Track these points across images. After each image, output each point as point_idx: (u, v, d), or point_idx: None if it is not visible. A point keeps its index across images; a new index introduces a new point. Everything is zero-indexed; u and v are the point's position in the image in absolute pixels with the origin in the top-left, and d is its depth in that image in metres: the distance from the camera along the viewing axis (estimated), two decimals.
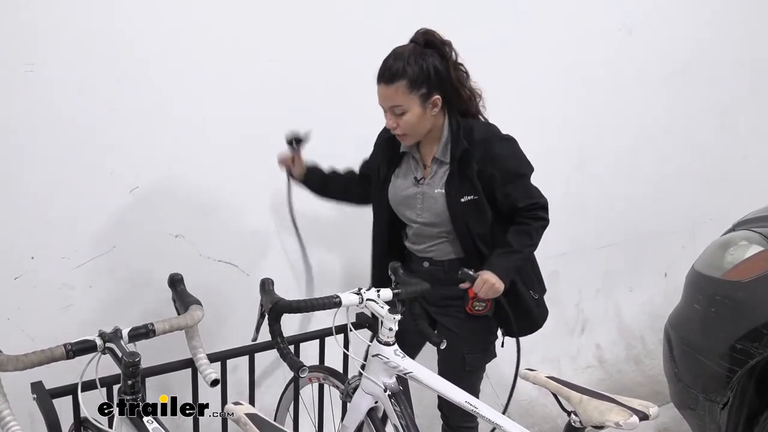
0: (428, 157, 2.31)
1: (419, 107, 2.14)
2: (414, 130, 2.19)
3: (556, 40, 3.70)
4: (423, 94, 2.13)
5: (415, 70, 2.10)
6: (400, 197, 2.34)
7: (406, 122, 2.15)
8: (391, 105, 2.14)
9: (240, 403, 1.50)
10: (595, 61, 3.87)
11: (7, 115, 2.34)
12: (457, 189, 2.23)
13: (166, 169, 2.66)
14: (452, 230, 2.29)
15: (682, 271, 3.15)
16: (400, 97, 2.12)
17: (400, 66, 2.10)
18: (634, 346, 4.27)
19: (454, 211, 2.24)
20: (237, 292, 2.83)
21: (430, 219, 2.30)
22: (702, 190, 4.64)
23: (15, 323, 2.39)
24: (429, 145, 2.29)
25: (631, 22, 3.99)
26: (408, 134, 2.20)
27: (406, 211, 2.35)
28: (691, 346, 2.72)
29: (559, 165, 3.88)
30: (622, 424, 1.62)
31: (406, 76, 2.09)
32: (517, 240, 2.28)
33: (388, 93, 2.13)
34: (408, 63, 2.10)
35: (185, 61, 2.63)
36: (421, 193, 2.30)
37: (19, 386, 1.62)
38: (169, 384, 2.58)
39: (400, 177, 2.36)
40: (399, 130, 2.19)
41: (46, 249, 2.47)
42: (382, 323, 2.00)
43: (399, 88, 2.10)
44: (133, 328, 1.66)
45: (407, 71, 2.09)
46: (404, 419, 1.99)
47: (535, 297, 2.44)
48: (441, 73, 2.16)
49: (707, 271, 2.81)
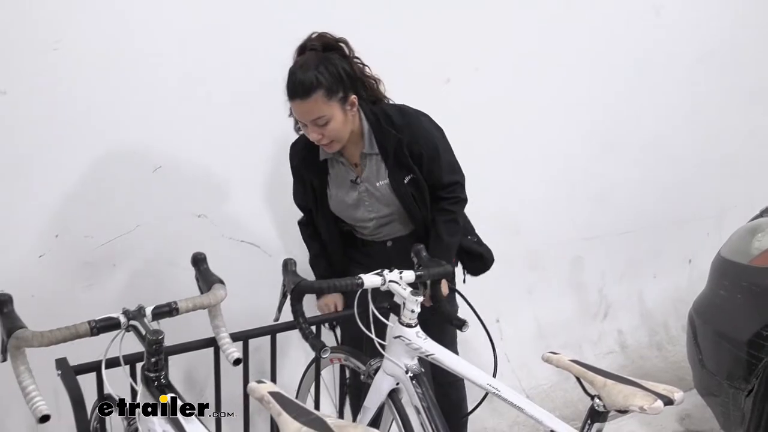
0: (355, 156, 2.31)
1: (340, 112, 2.12)
2: (340, 135, 2.16)
3: (583, 24, 3.65)
4: (341, 98, 2.11)
5: (327, 77, 2.06)
6: (345, 205, 2.36)
7: (331, 130, 2.12)
8: (313, 118, 2.09)
9: (263, 381, 1.50)
10: (622, 44, 3.83)
11: (32, 93, 2.35)
12: (397, 173, 2.26)
13: (189, 149, 2.66)
14: (403, 211, 2.35)
15: (706, 257, 3.12)
16: (320, 108, 2.07)
17: (312, 77, 2.05)
18: (657, 332, 4.24)
19: (401, 194, 2.29)
20: (259, 273, 2.83)
21: (382, 211, 2.35)
22: (728, 176, 4.58)
23: (39, 301, 2.40)
24: (352, 144, 2.28)
25: (660, 5, 3.93)
26: (335, 141, 2.18)
27: (356, 213, 2.37)
28: (717, 332, 2.69)
29: (585, 150, 3.84)
30: (647, 408, 1.60)
31: (322, 86, 2.05)
32: (447, 231, 2.35)
33: (307, 107, 2.07)
34: (319, 72, 2.06)
35: (211, 41, 2.63)
36: (364, 192, 2.32)
37: (43, 363, 1.63)
38: (192, 363, 2.61)
39: (334, 187, 2.36)
40: (325, 140, 2.15)
41: (69, 228, 2.49)
42: (404, 305, 1.99)
43: (317, 100, 2.06)
44: (156, 306, 1.67)
45: (321, 81, 2.05)
46: (426, 401, 1.99)
47: (475, 240, 2.56)
48: (349, 72, 2.14)
49: (734, 258, 2.77)
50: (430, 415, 1.97)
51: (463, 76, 3.31)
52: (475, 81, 3.37)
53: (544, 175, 3.72)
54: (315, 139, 2.16)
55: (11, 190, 2.37)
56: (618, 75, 3.87)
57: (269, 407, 1.40)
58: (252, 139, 2.76)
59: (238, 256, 2.83)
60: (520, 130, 3.57)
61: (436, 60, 3.20)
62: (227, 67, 2.67)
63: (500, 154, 3.51)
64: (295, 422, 1.30)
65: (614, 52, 3.80)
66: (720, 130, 4.47)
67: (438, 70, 3.23)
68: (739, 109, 4.56)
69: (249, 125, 2.74)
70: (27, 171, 2.39)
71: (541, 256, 3.82)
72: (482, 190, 3.38)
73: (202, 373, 2.74)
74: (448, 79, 3.27)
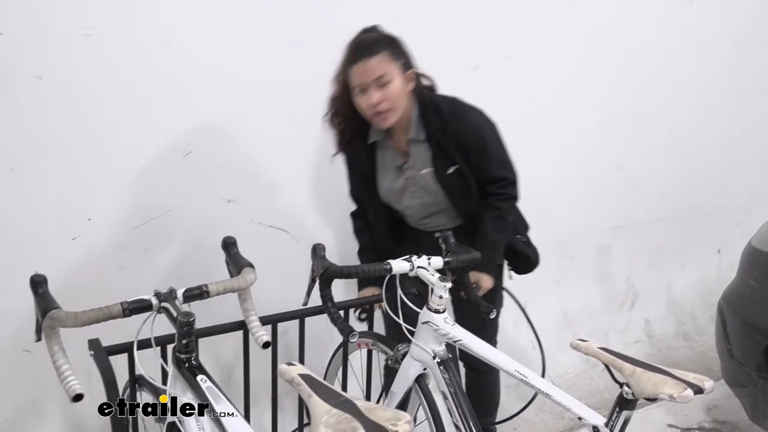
0: (402, 143, 2.33)
1: (401, 78, 2.16)
2: (398, 102, 2.17)
3: (614, 13, 3.61)
4: (403, 63, 2.16)
5: (392, 41, 2.14)
6: (392, 191, 2.39)
7: (391, 92, 2.14)
8: (376, 77, 2.11)
9: (293, 363, 1.50)
10: (653, 32, 3.78)
11: (65, 78, 2.37)
12: (441, 163, 2.27)
13: (220, 135, 2.67)
14: (448, 202, 2.36)
15: (735, 248, 3.08)
16: (384, 66, 2.11)
17: (377, 37, 2.13)
18: (684, 322, 4.20)
19: (444, 184, 2.30)
20: (287, 258, 2.84)
21: (426, 198, 2.36)
22: (758, 166, 4.51)
23: (72, 282, 2.43)
24: (400, 131, 2.30)
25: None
26: (392, 108, 2.17)
27: (402, 200, 2.40)
28: (746, 322, 2.66)
29: (615, 138, 3.81)
30: (676, 397, 1.58)
31: (388, 47, 2.12)
32: (493, 227, 2.35)
33: (371, 65, 2.11)
34: (381, 37, 2.14)
35: (242, 29, 2.63)
36: (410, 178, 2.35)
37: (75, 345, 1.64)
38: (220, 346, 2.63)
39: (382, 172, 2.40)
40: (385, 103, 2.15)
41: (102, 211, 2.52)
42: (433, 291, 1.98)
43: (383, 58, 2.11)
44: (187, 288, 1.67)
45: (387, 43, 2.13)
46: (453, 386, 1.98)
47: (524, 240, 2.55)
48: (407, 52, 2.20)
49: (764, 248, 2.74)
50: (456, 401, 1.97)
51: (493, 64, 3.29)
52: (505, 69, 3.34)
53: (573, 163, 3.69)
54: (375, 102, 2.14)
55: (46, 175, 2.40)
56: (649, 64, 3.82)
57: (300, 389, 1.40)
58: (281, 126, 2.76)
59: (267, 242, 2.84)
60: (550, 119, 3.54)
61: (464, 47, 3.17)
62: (257, 54, 2.68)
63: (530, 143, 3.48)
64: (326, 404, 1.31)
65: (645, 38, 3.76)
66: (750, 120, 4.40)
67: (467, 58, 3.20)
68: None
69: (278, 113, 2.74)
70: (61, 155, 2.41)
71: (569, 245, 3.80)
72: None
73: (230, 355, 2.76)
74: (477, 66, 3.24)
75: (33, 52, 2.32)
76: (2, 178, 2.34)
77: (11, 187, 2.36)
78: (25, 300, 1.63)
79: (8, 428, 2.48)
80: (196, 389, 1.56)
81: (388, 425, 1.25)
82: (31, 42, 2.31)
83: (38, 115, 2.36)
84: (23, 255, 2.37)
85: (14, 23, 2.26)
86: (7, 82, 2.29)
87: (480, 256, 2.08)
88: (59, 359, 1.50)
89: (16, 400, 2.50)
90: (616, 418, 1.73)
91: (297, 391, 1.43)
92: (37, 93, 2.34)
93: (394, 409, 1.32)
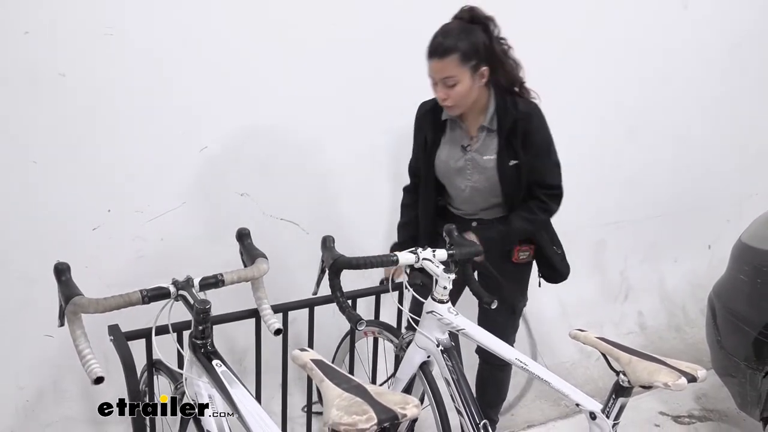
0: (474, 126, 2.32)
1: (469, 78, 2.16)
2: (463, 100, 2.20)
3: (612, 14, 3.59)
4: (473, 65, 2.15)
5: (465, 44, 2.12)
6: (450, 168, 2.37)
7: (456, 93, 2.17)
8: (444, 77, 2.15)
9: (306, 349, 1.51)
10: (650, 34, 3.76)
11: (87, 75, 2.37)
12: (505, 154, 2.27)
13: (234, 132, 2.67)
14: (500, 192, 2.34)
15: (726, 243, 3.08)
16: (452, 69, 2.13)
17: (452, 41, 2.11)
18: (676, 315, 4.20)
19: (502, 174, 2.29)
20: (298, 249, 2.85)
21: (480, 184, 2.33)
22: (748, 166, 4.50)
23: (92, 271, 2.43)
24: (475, 114, 2.31)
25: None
26: (456, 105, 2.22)
27: (456, 179, 2.37)
28: (736, 315, 2.65)
29: (611, 136, 3.81)
30: (671, 385, 1.58)
31: (458, 50, 2.11)
32: (520, 221, 2.34)
33: (441, 66, 2.14)
34: (459, 38, 2.12)
35: (257, 27, 2.63)
36: (470, 160, 2.33)
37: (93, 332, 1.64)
38: (234, 333, 2.63)
39: (446, 148, 2.38)
40: (449, 101, 2.20)
41: (121, 203, 2.52)
42: (437, 282, 1.98)
43: (452, 62, 2.12)
44: (203, 277, 1.68)
45: (458, 46, 2.11)
46: (455, 373, 1.99)
47: (559, 252, 2.54)
48: (487, 46, 2.17)
49: (755, 243, 2.73)
50: (459, 387, 1.98)
51: None
52: None
53: (571, 160, 3.65)
54: (440, 98, 2.21)
55: (68, 167, 2.41)
56: (645, 66, 3.80)
57: (312, 373, 1.41)
58: (292, 122, 2.76)
59: (279, 233, 2.84)
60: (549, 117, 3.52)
61: None
62: (271, 53, 2.68)
63: None
64: (337, 388, 1.31)
65: (642, 41, 3.74)
66: (741, 121, 4.39)
67: None
68: (762, 99, 4.47)
69: (289, 112, 2.74)
70: (82, 149, 2.42)
71: (566, 239, 3.78)
72: None
73: (241, 342, 2.76)
74: None
75: (57, 50, 2.32)
76: (26, 171, 2.35)
77: (35, 179, 2.37)
78: (49, 287, 1.63)
79: (31, 409, 2.49)
80: (211, 373, 1.57)
81: (397, 408, 1.26)
82: (55, 41, 2.31)
83: (61, 110, 2.36)
84: (47, 244, 2.37)
85: (39, 23, 2.27)
86: (31, 79, 2.30)
87: (482, 249, 2.08)
88: (81, 344, 1.51)
89: (39, 383, 2.51)
90: (612, 404, 1.74)
91: (309, 375, 1.43)
92: (60, 90, 2.35)
93: (402, 394, 1.33)
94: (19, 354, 2.45)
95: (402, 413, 1.26)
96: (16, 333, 2.43)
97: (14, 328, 2.42)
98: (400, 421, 1.28)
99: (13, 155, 2.33)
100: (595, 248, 3.94)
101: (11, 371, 2.46)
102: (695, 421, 3.16)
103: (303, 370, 1.45)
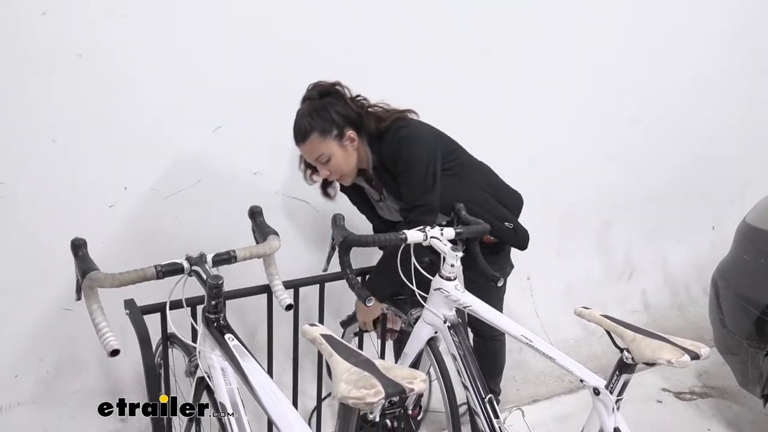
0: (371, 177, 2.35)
1: (339, 148, 2.18)
2: (344, 168, 2.23)
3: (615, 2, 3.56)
4: (336, 135, 2.16)
5: (319, 121, 2.14)
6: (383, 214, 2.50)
7: (335, 166, 2.20)
8: (316, 157, 2.18)
9: (315, 324, 1.50)
10: (654, 21, 3.72)
11: (103, 56, 2.36)
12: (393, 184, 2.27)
13: (247, 112, 2.66)
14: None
15: (729, 225, 3.06)
16: (318, 148, 2.16)
17: (306, 123, 2.15)
18: (679, 294, 4.19)
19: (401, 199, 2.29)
20: (308, 227, 2.85)
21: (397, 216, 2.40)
22: (752, 149, 4.45)
23: (109, 247, 2.45)
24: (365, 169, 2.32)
25: None
26: (343, 174, 2.25)
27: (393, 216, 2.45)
28: (739, 294, 2.64)
29: (615, 120, 3.78)
30: (674, 362, 1.57)
31: (315, 129, 2.14)
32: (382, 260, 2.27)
33: (307, 148, 2.18)
34: (311, 118, 2.14)
35: (269, 13, 2.61)
36: (386, 206, 2.42)
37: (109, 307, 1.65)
38: (246, 308, 2.63)
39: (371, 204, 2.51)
40: (333, 175, 2.25)
41: (137, 181, 2.52)
42: (445, 260, 1.98)
43: (314, 141, 2.15)
44: (216, 253, 1.67)
45: (313, 125, 2.14)
46: (462, 349, 1.99)
47: (510, 226, 2.42)
48: (342, 112, 2.18)
49: (758, 224, 2.71)
50: (465, 362, 1.97)
51: (501, 50, 3.25)
52: (513, 55, 3.30)
53: (577, 142, 3.66)
54: (325, 176, 2.26)
55: (85, 147, 2.40)
56: (650, 47, 3.76)
57: (321, 348, 1.40)
58: None
59: (290, 212, 2.84)
60: (555, 102, 3.51)
61: (475, 35, 3.14)
62: (283, 37, 2.66)
63: (536, 124, 3.47)
64: (346, 362, 1.30)
65: (646, 27, 3.70)
66: (744, 104, 4.34)
67: (478, 46, 3.17)
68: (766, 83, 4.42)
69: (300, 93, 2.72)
70: (99, 129, 2.41)
71: (572, 220, 3.78)
72: (519, 156, 3.35)
73: (253, 318, 2.77)
74: (487, 53, 3.21)
75: (74, 31, 2.31)
76: (45, 150, 2.35)
77: (53, 158, 2.37)
78: (66, 262, 1.64)
79: (51, 380, 2.51)
80: (224, 347, 1.57)
81: (404, 383, 1.25)
82: (72, 22, 2.30)
83: (78, 90, 2.36)
84: (65, 221, 2.38)
85: (56, 4, 2.26)
86: (49, 60, 2.29)
87: (489, 227, 2.07)
88: (98, 317, 1.51)
89: (58, 355, 2.52)
90: (616, 380, 1.73)
91: (319, 350, 1.43)
92: (77, 70, 2.33)
93: (410, 368, 1.32)
94: (38, 327, 2.47)
95: (409, 387, 1.25)
96: (36, 306, 2.44)
97: (34, 301, 2.43)
98: (407, 395, 1.28)
99: (33, 134, 2.32)
100: (600, 229, 3.92)
101: (31, 344, 2.47)
102: (696, 398, 3.15)
103: (313, 345, 1.44)
